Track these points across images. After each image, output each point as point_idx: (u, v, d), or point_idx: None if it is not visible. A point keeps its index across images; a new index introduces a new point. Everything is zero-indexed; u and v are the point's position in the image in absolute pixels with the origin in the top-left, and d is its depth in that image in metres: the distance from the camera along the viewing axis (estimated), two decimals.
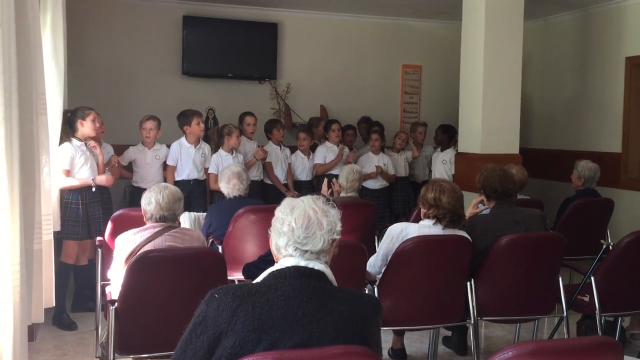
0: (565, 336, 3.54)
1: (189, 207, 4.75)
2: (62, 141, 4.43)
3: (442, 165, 6.23)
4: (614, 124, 6.24)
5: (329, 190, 4.65)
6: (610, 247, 3.61)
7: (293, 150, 6.28)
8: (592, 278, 3.53)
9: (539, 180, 6.90)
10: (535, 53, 7.22)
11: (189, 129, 5.41)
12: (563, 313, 3.53)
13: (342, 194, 4.68)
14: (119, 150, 5.38)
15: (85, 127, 4.45)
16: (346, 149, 6.34)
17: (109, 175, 4.58)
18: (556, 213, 4.90)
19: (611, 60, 6.28)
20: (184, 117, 5.44)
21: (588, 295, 3.57)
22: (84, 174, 4.45)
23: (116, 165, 5.06)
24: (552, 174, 6.79)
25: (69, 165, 4.38)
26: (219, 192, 5.33)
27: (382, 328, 3.22)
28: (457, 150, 5.89)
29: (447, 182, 3.39)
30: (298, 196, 1.95)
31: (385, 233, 3.34)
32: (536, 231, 3.51)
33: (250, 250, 3.90)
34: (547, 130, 7.23)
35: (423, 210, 3.35)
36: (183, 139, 5.48)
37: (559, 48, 7.07)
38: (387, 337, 3.92)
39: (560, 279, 3.52)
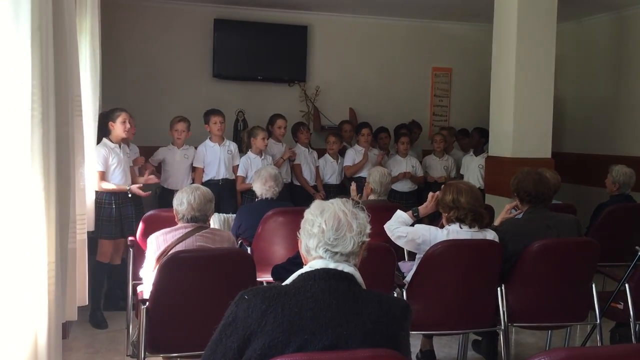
0: (599, 344, 3.46)
1: (217, 209, 4.79)
2: (98, 143, 4.53)
3: (479, 170, 6.14)
4: None
5: (359, 195, 4.65)
6: None
7: (322, 153, 6.29)
8: (627, 285, 3.46)
9: (572, 185, 6.78)
10: (569, 55, 7.09)
11: (208, 127, 5.55)
12: (596, 320, 3.46)
13: (372, 197, 4.67)
14: (148, 150, 5.47)
15: (116, 128, 4.53)
16: (375, 151, 6.32)
17: (139, 186, 4.60)
18: (589, 218, 4.80)
19: None
20: (205, 116, 5.61)
21: (622, 303, 3.50)
22: (117, 176, 4.54)
23: (142, 162, 5.15)
24: (586, 178, 6.66)
25: (103, 166, 4.47)
26: (248, 194, 5.38)
27: (411, 332, 3.24)
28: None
29: (462, 182, 3.42)
30: (327, 198, 1.95)
31: (415, 229, 3.34)
32: (569, 237, 3.44)
33: (279, 252, 3.91)
34: (580, 134, 7.10)
35: (445, 215, 3.34)
36: (208, 140, 5.58)
37: (593, 50, 6.95)
38: (415, 340, 3.89)
39: (593, 285, 3.46)
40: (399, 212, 3.52)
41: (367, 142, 6.25)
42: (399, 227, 3.41)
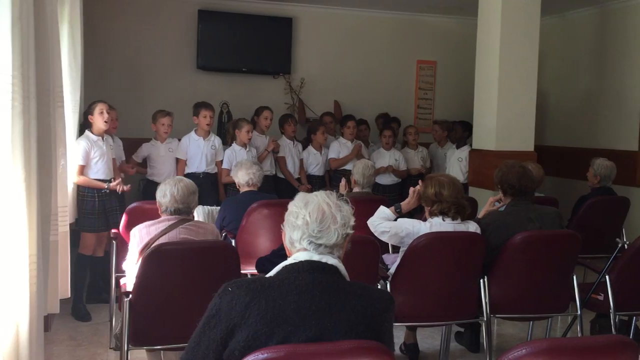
0: (579, 335, 3.51)
1: (199, 201, 4.77)
2: (79, 135, 4.48)
3: (458, 163, 6.18)
4: (630, 122, 6.17)
5: (347, 190, 4.67)
6: (626, 246, 3.57)
7: (306, 145, 6.29)
8: (607, 277, 3.50)
9: (554, 177, 6.85)
10: (552, 49, 7.15)
11: (197, 120, 5.51)
12: (577, 311, 3.51)
13: (357, 190, 4.68)
14: (132, 143, 5.43)
15: (96, 120, 4.48)
16: (360, 143, 6.33)
17: (124, 187, 4.52)
18: (571, 211, 4.86)
19: (629, 57, 6.21)
20: (195, 108, 5.57)
21: (602, 294, 3.54)
22: (99, 169, 4.49)
23: (131, 172, 5.16)
24: (568, 171, 6.73)
25: (84, 160, 4.42)
26: (232, 186, 5.37)
27: (394, 324, 3.25)
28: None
29: (443, 175, 3.43)
30: (311, 190, 1.95)
31: (398, 222, 3.35)
32: (551, 229, 3.48)
33: (263, 245, 3.91)
34: (563, 127, 7.17)
35: (427, 209, 3.36)
36: (193, 132, 5.55)
37: (576, 44, 7.00)
38: (399, 332, 3.92)
39: (574, 277, 3.50)
40: (382, 208, 3.53)
41: (352, 134, 6.26)
42: (382, 223, 3.42)
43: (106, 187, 4.45)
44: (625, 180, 5.83)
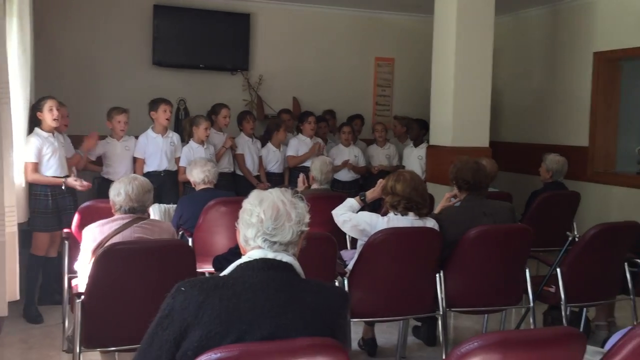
0: (532, 326, 3.60)
1: (159, 199, 4.70)
2: (29, 133, 4.35)
3: (419, 161, 6.24)
4: (581, 118, 6.35)
5: (306, 186, 4.66)
6: (576, 239, 3.67)
7: (265, 142, 6.26)
8: (558, 269, 3.59)
9: (509, 173, 7.00)
10: (506, 47, 7.29)
11: (155, 115, 5.39)
12: (530, 304, 3.59)
13: (315, 186, 4.69)
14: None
15: (45, 117, 4.34)
16: (319, 141, 6.33)
17: (83, 182, 4.42)
18: (525, 205, 4.97)
19: (579, 55, 6.38)
20: (153, 103, 5.45)
21: (554, 287, 3.63)
22: (52, 166, 4.37)
23: (83, 165, 4.99)
24: (522, 167, 6.89)
25: (36, 157, 4.29)
26: (190, 184, 5.30)
27: (353, 319, 3.28)
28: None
29: (409, 172, 3.47)
30: (270, 187, 1.94)
31: (359, 215, 3.40)
32: (505, 223, 3.55)
33: (221, 243, 3.88)
34: (516, 123, 7.33)
35: (385, 200, 3.41)
36: (150, 130, 5.45)
37: (529, 43, 7.16)
38: (357, 328, 3.95)
39: (527, 270, 3.58)
40: (349, 199, 3.61)
41: (313, 130, 6.25)
42: (345, 213, 3.47)
43: (63, 182, 4.32)
44: (576, 175, 6.00)
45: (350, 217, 3.44)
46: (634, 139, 6.17)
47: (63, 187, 4.34)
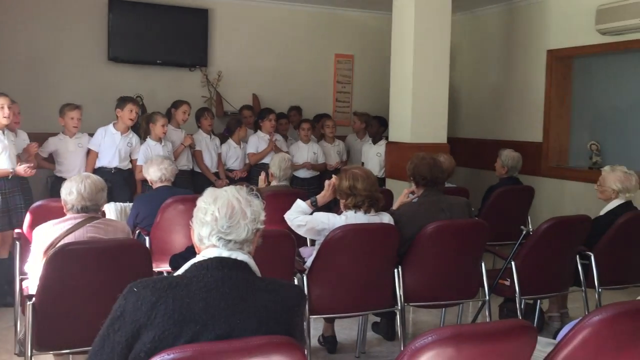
0: (488, 319, 3.66)
1: (110, 198, 4.61)
2: None
3: (378, 158, 6.27)
4: (535, 115, 6.50)
5: (266, 184, 4.64)
6: (530, 233, 3.75)
7: (225, 139, 6.21)
8: (513, 263, 3.66)
9: (466, 168, 7.12)
10: (463, 45, 7.41)
11: (121, 113, 5.29)
12: (485, 297, 3.66)
13: (274, 183, 4.67)
14: (38, 138, 5.15)
15: None
16: (278, 137, 6.31)
17: (29, 166, 4.33)
18: (481, 200, 5.06)
19: (533, 53, 6.52)
20: (121, 101, 5.35)
21: (509, 280, 3.71)
22: (2, 163, 4.23)
23: (35, 150, 4.82)
24: (479, 162, 7.01)
25: None
26: (148, 182, 5.22)
27: (312, 316, 3.29)
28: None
29: (358, 168, 3.46)
30: (228, 184, 1.92)
31: (314, 216, 3.37)
32: (461, 218, 3.61)
33: (179, 241, 3.82)
34: (473, 120, 7.45)
35: (342, 202, 3.40)
36: (111, 125, 5.34)
37: (485, 40, 7.29)
38: (317, 324, 3.96)
39: (483, 264, 3.65)
40: (298, 202, 3.53)
41: (273, 127, 6.22)
42: (298, 217, 3.42)
43: (12, 170, 4.20)
44: (531, 170, 6.14)
45: (305, 221, 3.39)
46: (586, 135, 6.35)
47: (9, 178, 4.22)
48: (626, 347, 1.95)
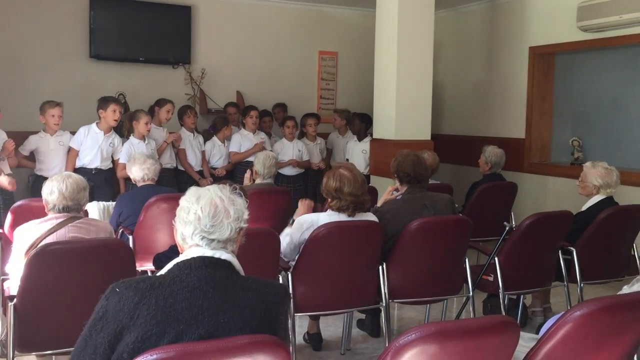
0: (472, 315, 3.69)
1: (91, 197, 4.56)
2: None
3: (363, 155, 6.27)
4: (518, 111, 6.54)
5: (251, 182, 4.63)
6: (513, 229, 3.78)
7: (209, 136, 6.18)
8: (496, 259, 3.69)
9: (450, 165, 7.15)
10: (447, 42, 7.43)
11: (104, 114, 5.24)
12: (469, 293, 3.68)
13: (259, 181, 4.66)
14: (18, 136, 5.09)
15: None
16: (262, 135, 6.30)
17: (11, 179, 4.25)
18: (465, 196, 5.09)
19: (516, 50, 6.57)
20: (103, 101, 5.29)
21: (492, 275, 3.73)
22: None
23: (12, 146, 4.74)
24: (462, 159, 7.05)
25: None
26: (131, 181, 5.18)
27: (297, 314, 3.28)
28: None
29: (347, 169, 3.39)
30: (212, 183, 1.91)
31: (295, 223, 3.34)
32: (444, 215, 3.63)
33: (163, 240, 3.80)
34: (457, 117, 7.49)
35: (328, 200, 3.39)
36: (94, 124, 5.29)
37: (468, 37, 7.32)
38: (302, 322, 3.96)
39: (467, 260, 3.67)
40: (282, 234, 3.42)
41: (255, 124, 6.20)
42: (284, 240, 3.34)
43: None
44: (514, 167, 6.18)
45: (288, 232, 3.34)
46: (568, 131, 6.41)
47: None
48: (607, 342, 1.97)
